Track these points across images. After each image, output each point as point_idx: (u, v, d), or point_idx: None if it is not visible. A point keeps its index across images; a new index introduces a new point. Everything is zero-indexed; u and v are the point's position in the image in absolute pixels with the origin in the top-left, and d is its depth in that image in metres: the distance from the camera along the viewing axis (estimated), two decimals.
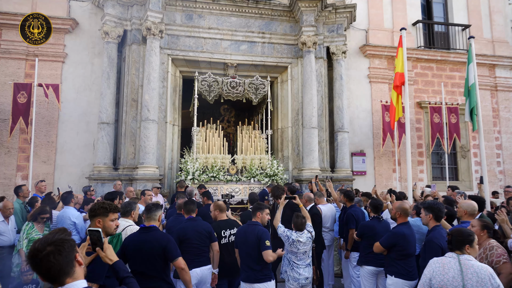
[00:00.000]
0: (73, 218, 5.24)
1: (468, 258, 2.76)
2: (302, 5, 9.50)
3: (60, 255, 1.57)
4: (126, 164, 8.71)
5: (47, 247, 1.56)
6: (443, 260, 2.80)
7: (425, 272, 2.85)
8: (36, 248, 1.57)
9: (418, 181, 10.81)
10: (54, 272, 1.56)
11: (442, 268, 2.75)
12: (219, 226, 4.40)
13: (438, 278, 2.73)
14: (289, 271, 4.20)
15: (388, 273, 4.03)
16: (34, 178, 7.98)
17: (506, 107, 12.21)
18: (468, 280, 2.64)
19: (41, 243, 1.58)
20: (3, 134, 8.61)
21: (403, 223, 4.07)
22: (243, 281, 3.89)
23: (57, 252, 1.57)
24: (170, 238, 3.43)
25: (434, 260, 2.86)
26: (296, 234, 4.15)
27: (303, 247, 4.15)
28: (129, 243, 3.29)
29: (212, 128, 9.66)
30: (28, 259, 1.58)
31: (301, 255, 4.18)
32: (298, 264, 4.16)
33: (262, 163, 9.14)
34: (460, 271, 2.68)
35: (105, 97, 8.73)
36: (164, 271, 3.29)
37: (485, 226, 3.46)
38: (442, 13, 12.73)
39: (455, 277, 2.68)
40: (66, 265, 1.58)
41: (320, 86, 9.99)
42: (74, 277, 1.61)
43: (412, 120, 11.12)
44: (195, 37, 9.52)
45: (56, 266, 1.56)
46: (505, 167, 11.93)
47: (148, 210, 3.45)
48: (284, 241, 4.20)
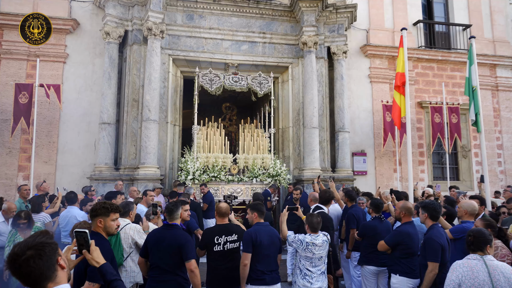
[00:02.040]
0: (79, 218, 5.25)
1: (491, 258, 2.73)
2: (303, 5, 9.51)
3: (40, 259, 1.51)
4: (127, 164, 8.72)
5: (27, 251, 1.50)
6: (470, 263, 2.72)
7: (451, 277, 2.73)
8: (15, 253, 1.51)
9: (419, 181, 10.81)
10: (35, 276, 1.50)
11: (471, 272, 2.66)
12: (212, 232, 3.94)
13: (469, 282, 2.64)
14: (300, 280, 3.81)
15: (392, 272, 4.05)
16: (36, 178, 7.99)
17: (507, 107, 12.19)
18: (496, 281, 2.60)
19: (20, 247, 1.52)
20: (5, 135, 8.63)
21: (408, 222, 4.12)
22: (267, 284, 3.72)
23: (38, 256, 1.51)
24: (189, 238, 3.54)
25: (459, 264, 2.76)
26: (310, 236, 3.82)
27: (319, 251, 3.78)
28: (151, 237, 3.51)
29: (214, 127, 9.48)
30: (8, 264, 1.52)
31: (317, 261, 3.80)
32: (312, 271, 3.78)
33: (265, 162, 8.92)
34: (488, 273, 2.64)
35: (106, 97, 8.74)
36: (179, 267, 3.40)
37: (488, 225, 3.48)
38: (443, 13, 12.72)
39: (485, 280, 2.62)
40: (47, 269, 1.52)
41: (321, 86, 9.99)
42: (56, 282, 1.55)
43: (413, 120, 11.11)
44: (196, 37, 9.53)
45: (36, 271, 1.50)
46: (506, 167, 11.92)
47: (170, 211, 3.59)
48: (297, 247, 3.84)
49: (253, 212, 3.95)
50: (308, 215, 4.03)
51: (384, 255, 4.32)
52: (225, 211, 4.00)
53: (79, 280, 2.78)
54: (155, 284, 3.35)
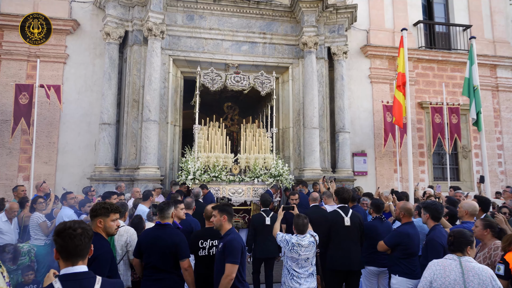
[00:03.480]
0: (66, 218, 5.31)
1: (469, 260, 2.74)
2: (303, 5, 9.51)
3: (87, 237, 1.90)
4: (127, 165, 8.72)
5: (78, 229, 1.87)
6: (444, 262, 2.77)
7: (425, 274, 2.80)
8: (70, 226, 1.87)
9: (419, 181, 10.81)
10: (80, 250, 1.86)
11: (443, 270, 2.71)
12: (196, 235, 3.77)
13: (439, 281, 2.69)
14: (288, 281, 3.74)
15: (392, 273, 4.04)
16: (36, 178, 7.98)
17: (507, 107, 12.19)
18: (469, 283, 2.61)
19: (73, 223, 1.90)
20: (5, 135, 8.63)
21: (407, 223, 4.11)
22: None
23: (85, 235, 1.89)
24: (182, 237, 3.51)
25: (434, 263, 2.81)
26: (297, 237, 3.78)
27: (305, 253, 3.73)
28: (144, 238, 3.50)
29: (215, 126, 9.37)
30: (60, 233, 1.86)
31: (303, 262, 3.75)
32: (299, 272, 3.72)
33: (267, 162, 8.80)
34: (462, 274, 2.65)
35: (106, 98, 8.74)
36: (175, 266, 3.39)
37: (487, 225, 3.46)
38: (443, 13, 12.72)
39: (456, 279, 2.65)
40: (86, 248, 1.90)
41: (321, 86, 9.99)
42: (84, 262, 1.90)
43: (413, 121, 11.10)
44: (196, 38, 9.54)
45: (82, 245, 1.86)
46: (506, 168, 11.91)
47: (161, 210, 3.58)
48: (283, 247, 3.85)
49: (222, 214, 3.39)
50: (295, 216, 3.99)
51: (385, 256, 4.31)
52: (211, 213, 3.64)
53: None
54: (150, 282, 3.35)
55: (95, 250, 2.73)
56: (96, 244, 2.79)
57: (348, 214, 4.43)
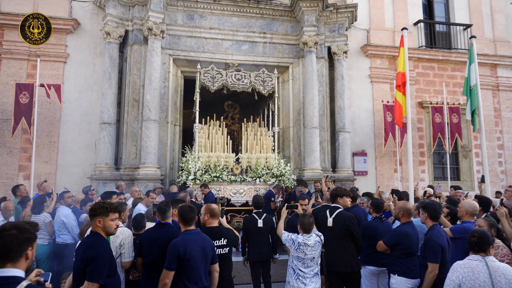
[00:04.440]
0: (62, 217, 5.39)
1: (493, 259, 2.72)
2: (303, 5, 9.50)
3: (17, 239, 1.78)
4: (127, 164, 8.72)
5: (12, 230, 1.78)
6: (471, 264, 2.71)
7: (451, 277, 2.73)
8: (3, 226, 1.80)
9: (419, 181, 10.80)
10: (4, 250, 1.77)
11: (471, 273, 2.66)
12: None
13: (469, 283, 2.63)
14: (293, 281, 3.73)
15: (391, 272, 4.04)
16: (36, 178, 7.99)
17: (508, 107, 12.17)
18: (497, 283, 2.59)
19: (9, 225, 1.83)
20: (5, 134, 8.64)
21: (407, 223, 4.11)
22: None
23: (16, 237, 1.78)
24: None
25: (459, 265, 2.75)
26: (303, 236, 3.76)
27: (311, 252, 3.71)
28: (145, 237, 3.56)
29: (216, 125, 9.29)
30: None
31: (309, 262, 3.74)
32: (305, 272, 3.71)
33: (268, 162, 8.69)
34: (489, 275, 2.63)
35: (106, 97, 8.75)
36: None
37: (492, 225, 3.49)
38: (443, 12, 12.70)
39: (485, 281, 2.61)
40: (15, 251, 1.78)
41: (322, 86, 9.98)
42: (15, 265, 1.77)
43: (414, 120, 11.10)
44: (196, 37, 9.53)
45: (7, 247, 1.76)
46: (507, 167, 11.90)
47: (162, 211, 3.64)
48: (289, 246, 3.82)
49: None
50: (300, 216, 3.95)
51: (385, 255, 4.30)
52: (217, 212, 3.69)
53: (78, 280, 2.77)
54: (149, 281, 3.36)
55: (94, 250, 2.75)
56: (95, 244, 2.80)
57: (332, 215, 4.23)
